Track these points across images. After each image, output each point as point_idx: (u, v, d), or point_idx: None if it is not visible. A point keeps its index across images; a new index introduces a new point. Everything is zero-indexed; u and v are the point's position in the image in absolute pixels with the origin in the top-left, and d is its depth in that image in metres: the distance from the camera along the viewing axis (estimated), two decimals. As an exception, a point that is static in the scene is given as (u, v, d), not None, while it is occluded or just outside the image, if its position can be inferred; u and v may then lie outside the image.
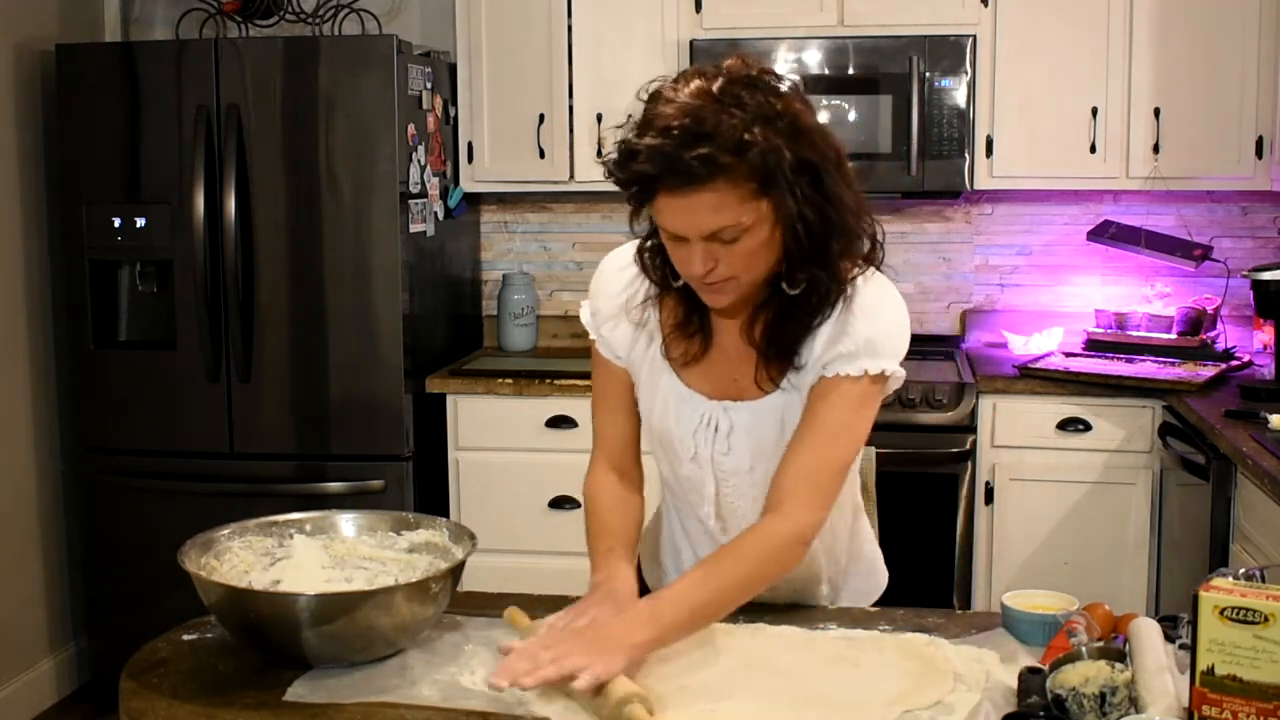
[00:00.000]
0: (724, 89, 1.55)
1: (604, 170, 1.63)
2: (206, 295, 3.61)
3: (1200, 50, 3.64)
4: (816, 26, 3.75)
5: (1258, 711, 1.32)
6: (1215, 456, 2.99)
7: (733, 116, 1.53)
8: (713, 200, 1.54)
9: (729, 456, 1.78)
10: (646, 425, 1.85)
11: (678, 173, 1.52)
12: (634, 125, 1.58)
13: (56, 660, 3.89)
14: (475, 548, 1.73)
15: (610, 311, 1.82)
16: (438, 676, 1.59)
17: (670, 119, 1.53)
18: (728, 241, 1.58)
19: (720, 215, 1.55)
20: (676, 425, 1.79)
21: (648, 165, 1.53)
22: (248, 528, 1.79)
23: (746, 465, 1.77)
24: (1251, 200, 3.98)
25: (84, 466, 3.79)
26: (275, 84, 3.56)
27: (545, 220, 4.34)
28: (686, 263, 1.63)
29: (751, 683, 1.57)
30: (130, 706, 1.54)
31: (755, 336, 1.72)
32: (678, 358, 1.78)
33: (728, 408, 1.76)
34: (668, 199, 1.55)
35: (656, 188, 1.55)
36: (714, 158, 1.51)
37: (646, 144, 1.53)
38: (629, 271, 1.79)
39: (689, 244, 1.60)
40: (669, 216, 1.58)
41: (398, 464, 3.65)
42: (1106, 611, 1.68)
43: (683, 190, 1.53)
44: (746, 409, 1.75)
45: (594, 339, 1.86)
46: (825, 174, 1.59)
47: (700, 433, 1.78)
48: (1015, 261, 4.14)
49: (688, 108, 1.53)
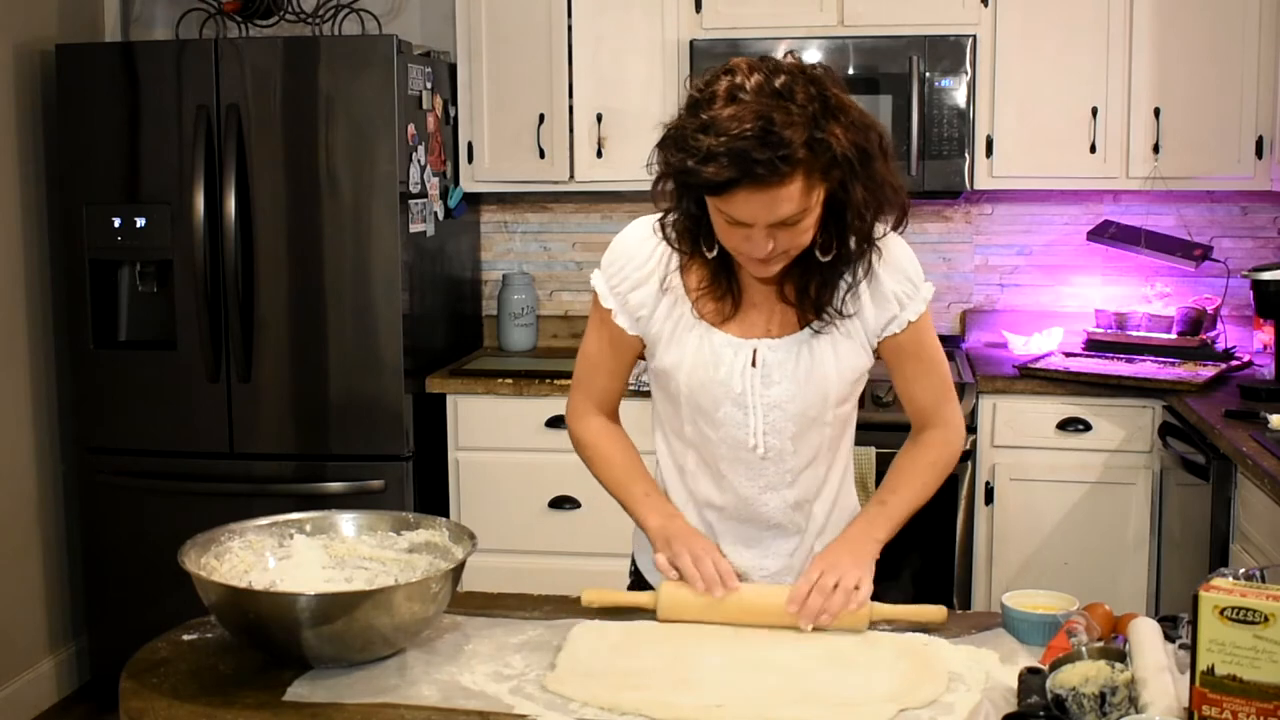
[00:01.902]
0: (784, 85, 1.62)
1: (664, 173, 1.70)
2: (206, 295, 3.61)
3: (1200, 50, 3.64)
4: (816, 26, 3.75)
5: (1258, 711, 1.32)
6: (1215, 456, 2.99)
7: (796, 113, 1.61)
8: (787, 193, 1.63)
9: (773, 389, 1.84)
10: (673, 386, 1.88)
11: (757, 175, 1.59)
12: (693, 125, 1.63)
13: (56, 660, 3.89)
14: (475, 548, 1.73)
15: (637, 279, 1.88)
16: (438, 676, 1.59)
17: (740, 120, 1.59)
18: (789, 225, 1.67)
19: (792, 205, 1.64)
20: (716, 370, 1.85)
21: (729, 170, 1.59)
22: (248, 528, 1.79)
23: (789, 395, 1.85)
24: (1251, 200, 3.98)
25: (84, 466, 3.79)
26: (275, 84, 3.56)
27: (545, 220, 4.34)
28: (747, 246, 1.70)
29: (750, 681, 1.57)
30: (130, 706, 1.54)
31: (789, 294, 1.84)
32: (710, 315, 1.86)
33: (768, 345, 1.85)
34: (745, 196, 1.62)
35: (733, 188, 1.61)
36: (791, 156, 1.59)
37: (720, 146, 1.58)
38: (652, 240, 1.86)
39: (751, 229, 1.67)
40: (741, 209, 1.65)
41: (398, 464, 3.65)
42: (1106, 611, 1.68)
43: (762, 188, 1.61)
44: (783, 345, 1.85)
45: (608, 307, 1.90)
46: (874, 157, 1.70)
47: (744, 371, 1.84)
48: (1015, 261, 4.14)
49: (756, 108, 1.59)
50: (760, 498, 1.90)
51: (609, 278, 1.90)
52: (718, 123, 1.60)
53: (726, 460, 1.89)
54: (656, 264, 1.86)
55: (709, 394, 1.85)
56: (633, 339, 1.92)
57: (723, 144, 1.58)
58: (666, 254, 1.86)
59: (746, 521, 1.92)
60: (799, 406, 1.85)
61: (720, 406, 1.85)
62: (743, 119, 1.58)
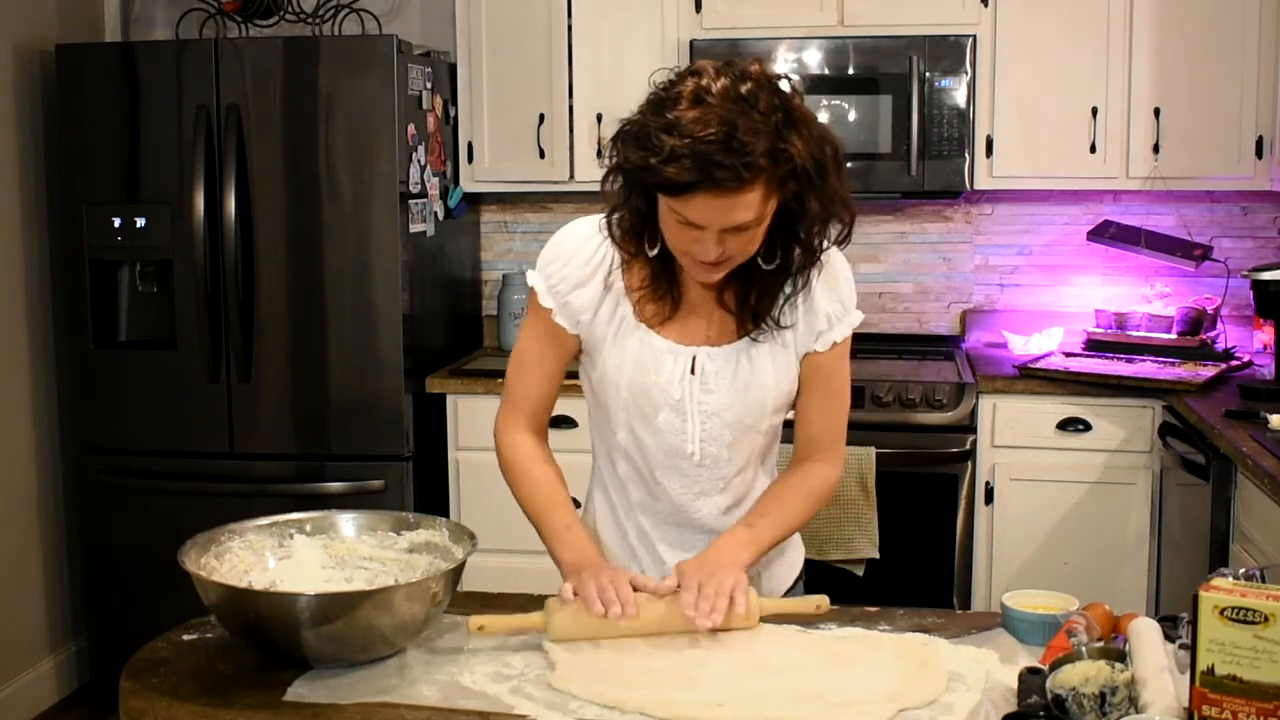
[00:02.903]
0: (749, 92, 1.62)
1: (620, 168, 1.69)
2: (206, 295, 3.61)
3: (1200, 50, 3.64)
4: (816, 26, 3.75)
5: (1258, 711, 1.32)
6: (1215, 456, 2.99)
7: (760, 120, 1.60)
8: (745, 200, 1.62)
9: (711, 396, 1.85)
10: (612, 387, 1.88)
11: (718, 179, 1.58)
12: (656, 123, 1.62)
13: (56, 660, 3.89)
14: (475, 548, 1.74)
15: (578, 278, 1.86)
16: (437, 676, 1.59)
17: (705, 124, 1.58)
18: (741, 231, 1.66)
19: (748, 212, 1.64)
20: (656, 374, 1.85)
21: (690, 172, 1.58)
22: (248, 528, 1.79)
23: (727, 404, 1.85)
24: (1251, 200, 3.98)
25: (84, 466, 3.79)
26: (275, 84, 3.56)
27: (545, 220, 4.34)
28: (697, 248, 1.69)
29: (750, 681, 1.57)
30: (130, 706, 1.54)
31: (729, 301, 1.83)
32: (650, 318, 1.85)
33: (707, 352, 1.85)
34: (704, 199, 1.61)
35: (693, 190, 1.60)
36: (753, 164, 1.59)
37: (683, 147, 1.58)
38: (595, 239, 1.85)
39: (703, 231, 1.66)
40: (697, 212, 1.64)
41: (398, 464, 3.65)
42: (1106, 611, 1.68)
43: (722, 194, 1.60)
44: (722, 353, 1.85)
45: (548, 306, 1.89)
46: (829, 171, 1.69)
47: (683, 378, 1.84)
48: (1015, 261, 4.14)
49: (720, 113, 1.59)
50: (694, 504, 1.91)
51: (548, 277, 1.88)
52: (682, 124, 1.59)
53: (661, 467, 1.89)
54: (599, 263, 1.85)
55: (649, 399, 1.85)
56: (571, 339, 1.90)
57: (686, 145, 1.58)
58: (609, 253, 1.84)
59: (680, 526, 1.93)
60: (736, 415, 1.85)
61: (659, 412, 1.85)
62: (708, 122, 1.58)
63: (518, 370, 1.98)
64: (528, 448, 1.97)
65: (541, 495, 1.95)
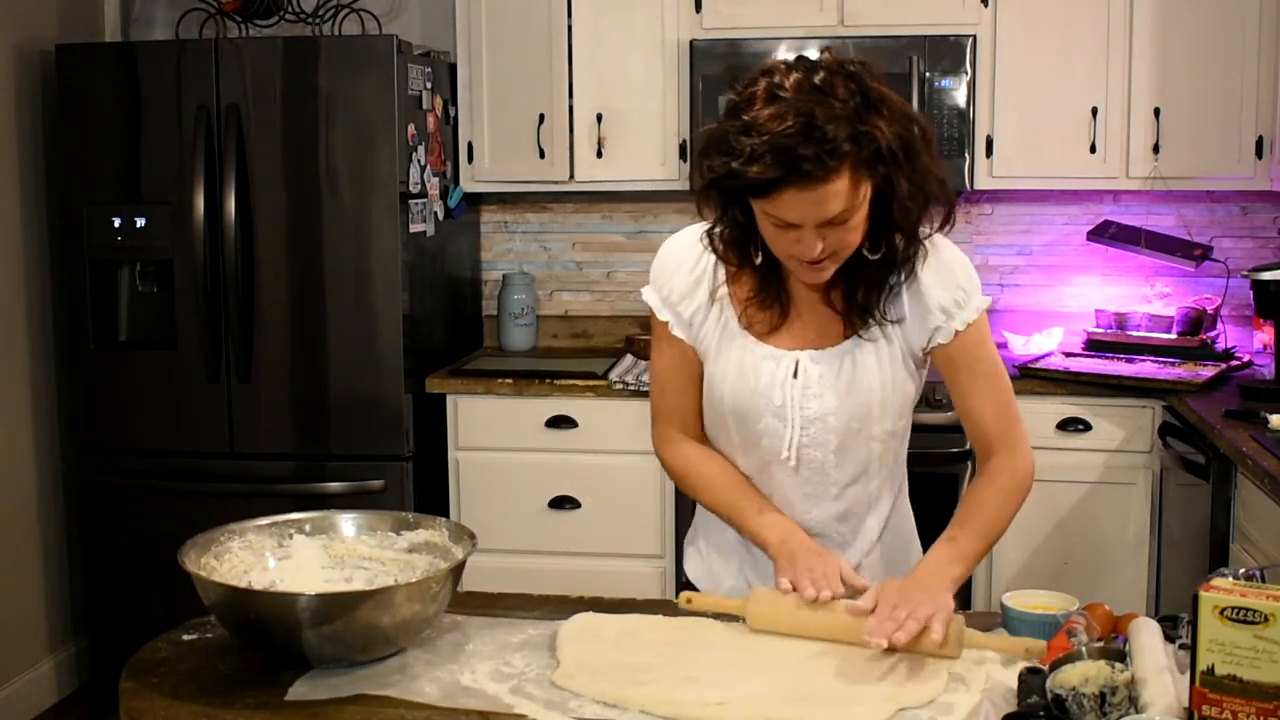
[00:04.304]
0: (823, 81, 1.61)
1: (708, 180, 1.66)
2: (206, 295, 3.61)
3: (1200, 50, 3.64)
4: (816, 26, 3.74)
5: (1258, 711, 1.32)
6: (1215, 456, 2.99)
7: (838, 107, 1.59)
8: (834, 190, 1.60)
9: (813, 402, 1.82)
10: (716, 395, 1.86)
11: (803, 171, 1.57)
12: (734, 128, 1.60)
13: (56, 660, 3.89)
14: (475, 548, 1.73)
15: (684, 289, 1.85)
16: (438, 676, 1.60)
17: (782, 118, 1.57)
18: (838, 224, 1.64)
19: (840, 201, 1.61)
20: (757, 381, 1.82)
21: (773, 168, 1.57)
22: (248, 528, 1.79)
23: (831, 408, 1.82)
24: (1251, 200, 3.98)
25: (84, 466, 3.79)
26: (275, 84, 3.56)
27: (545, 220, 4.34)
28: (798, 248, 1.67)
29: (751, 680, 1.57)
30: (130, 706, 1.54)
31: (836, 299, 1.80)
32: (757, 326, 1.83)
33: (811, 356, 1.82)
34: (793, 195, 1.59)
35: (780, 187, 1.58)
36: (836, 150, 1.57)
37: (762, 145, 1.56)
38: (697, 249, 1.84)
39: (801, 230, 1.64)
40: (789, 209, 1.62)
41: (398, 464, 3.65)
42: (1106, 611, 1.68)
43: (809, 186, 1.58)
44: (825, 356, 1.82)
45: (664, 320, 1.87)
46: (918, 150, 1.67)
47: (784, 383, 1.82)
48: (1015, 261, 4.14)
49: (797, 105, 1.58)
50: (802, 505, 1.88)
51: (659, 289, 1.88)
52: (759, 123, 1.58)
53: (768, 470, 1.88)
54: (703, 273, 1.84)
55: (751, 406, 1.84)
56: (690, 347, 1.88)
57: (765, 143, 1.56)
58: (713, 262, 1.83)
59: None
60: (841, 419, 1.82)
61: (761, 418, 1.84)
62: (784, 116, 1.57)
63: (659, 390, 1.95)
64: (687, 451, 1.93)
65: (722, 489, 1.89)
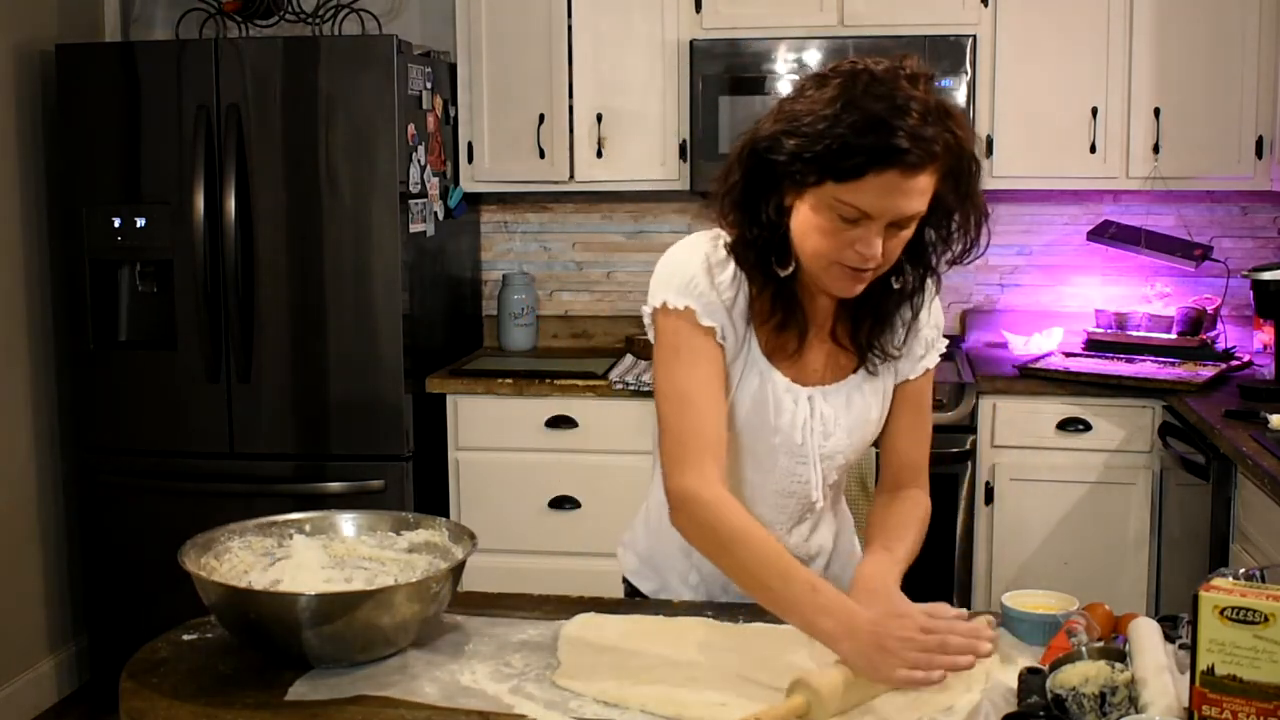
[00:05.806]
0: (910, 77, 1.56)
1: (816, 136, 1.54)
2: (206, 295, 3.61)
3: (1200, 50, 3.64)
4: (816, 26, 3.75)
5: (1258, 711, 1.32)
6: (1215, 456, 2.99)
7: (934, 104, 1.55)
8: (920, 185, 1.55)
9: (829, 440, 1.79)
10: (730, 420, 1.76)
11: (925, 151, 1.52)
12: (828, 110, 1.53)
13: (56, 660, 3.89)
14: (475, 548, 1.73)
15: (728, 295, 1.71)
16: (438, 675, 1.59)
17: (921, 99, 1.53)
18: (902, 227, 1.60)
19: (920, 200, 1.57)
20: (777, 418, 1.76)
21: (904, 140, 1.50)
22: (248, 528, 1.79)
23: (842, 446, 1.80)
24: (1251, 200, 3.98)
25: (84, 466, 3.79)
26: (275, 84, 3.56)
27: (545, 220, 4.34)
28: (854, 248, 1.59)
29: (754, 678, 1.57)
30: (130, 706, 1.54)
31: (841, 335, 1.78)
32: (775, 352, 1.76)
33: (824, 393, 1.78)
34: (885, 179, 1.53)
35: (883, 166, 1.52)
36: (938, 137, 1.53)
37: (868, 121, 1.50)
38: (730, 266, 1.71)
39: (866, 227, 1.57)
40: (870, 198, 1.54)
41: (398, 464, 3.65)
42: (1106, 611, 1.67)
43: (915, 170, 1.53)
44: (834, 392, 1.79)
45: (709, 325, 1.70)
46: (974, 174, 1.62)
47: (805, 423, 1.77)
48: (1015, 261, 4.14)
49: (924, 91, 1.54)
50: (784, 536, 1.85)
51: (698, 296, 1.70)
52: (898, 95, 1.51)
53: (764, 504, 1.82)
54: (740, 285, 1.72)
55: (765, 441, 1.77)
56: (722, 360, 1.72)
57: (915, 118, 1.51)
58: (742, 278, 1.72)
59: None
60: (847, 456, 1.82)
61: (775, 457, 1.78)
62: (922, 99, 1.52)
63: (695, 413, 1.68)
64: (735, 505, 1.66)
65: (773, 556, 1.62)
